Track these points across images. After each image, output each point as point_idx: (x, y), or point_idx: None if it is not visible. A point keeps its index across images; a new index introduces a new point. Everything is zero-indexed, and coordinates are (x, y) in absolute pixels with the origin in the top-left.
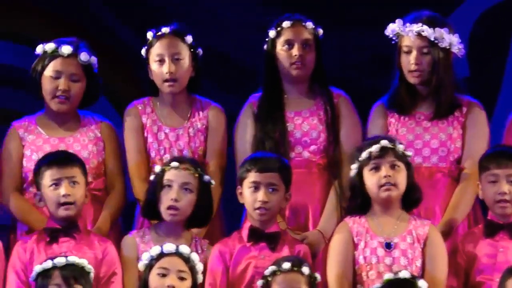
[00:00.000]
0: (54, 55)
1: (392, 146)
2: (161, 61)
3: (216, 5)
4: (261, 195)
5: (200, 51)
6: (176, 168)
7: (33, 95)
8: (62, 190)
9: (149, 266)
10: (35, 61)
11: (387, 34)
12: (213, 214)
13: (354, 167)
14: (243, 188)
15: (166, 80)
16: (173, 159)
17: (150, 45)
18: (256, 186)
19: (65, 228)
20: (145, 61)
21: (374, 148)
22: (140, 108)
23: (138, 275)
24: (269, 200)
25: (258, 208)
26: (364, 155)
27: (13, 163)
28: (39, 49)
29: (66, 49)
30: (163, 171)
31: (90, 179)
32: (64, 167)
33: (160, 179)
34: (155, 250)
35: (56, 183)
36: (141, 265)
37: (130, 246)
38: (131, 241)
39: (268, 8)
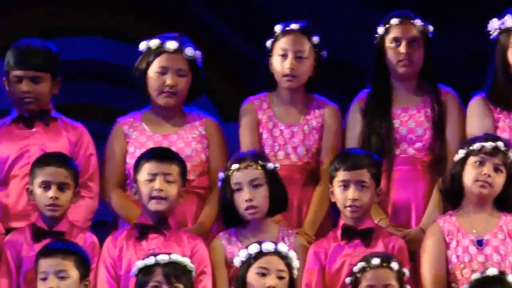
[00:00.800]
0: (159, 51)
1: (505, 151)
2: (284, 56)
3: (318, 6)
4: (351, 193)
5: (324, 53)
6: (238, 170)
7: (139, 92)
8: (156, 184)
9: (247, 264)
10: (139, 58)
11: (488, 30)
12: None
13: (461, 152)
14: (333, 187)
15: (286, 75)
16: (233, 161)
17: (276, 39)
18: (345, 185)
19: (156, 224)
20: (269, 53)
21: (488, 145)
22: (256, 103)
23: (231, 275)
24: (359, 197)
25: (349, 206)
26: (476, 146)
27: (116, 160)
28: (142, 46)
29: (172, 45)
30: (227, 177)
31: (193, 176)
32: (162, 163)
33: (228, 185)
34: (254, 248)
35: (152, 178)
36: (237, 261)
37: (217, 248)
38: (218, 243)
39: (372, 7)
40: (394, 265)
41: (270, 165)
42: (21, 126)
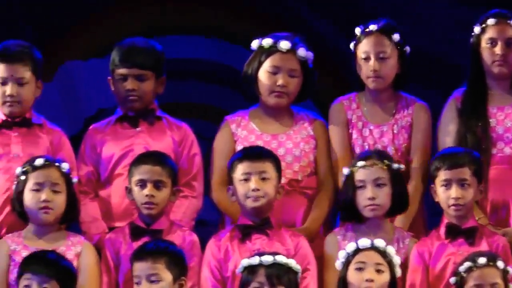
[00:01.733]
0: (272, 50)
1: None
2: (367, 59)
3: (414, 3)
4: (453, 192)
5: (407, 48)
6: (363, 167)
7: (246, 91)
8: (252, 184)
9: (346, 263)
10: (250, 56)
11: None
12: (409, 200)
13: None
14: (436, 187)
15: (370, 76)
16: (359, 158)
17: (358, 41)
18: (447, 184)
19: (257, 224)
20: (353, 55)
21: None
22: (345, 103)
23: None
24: (462, 196)
25: (453, 205)
26: None
27: (223, 158)
28: (254, 44)
29: (285, 44)
30: (352, 173)
31: (301, 177)
32: (256, 162)
33: (352, 181)
34: (351, 246)
35: (247, 178)
36: (338, 264)
37: (332, 244)
38: (333, 239)
39: (472, 7)
40: (500, 264)
41: (395, 166)
42: (125, 125)
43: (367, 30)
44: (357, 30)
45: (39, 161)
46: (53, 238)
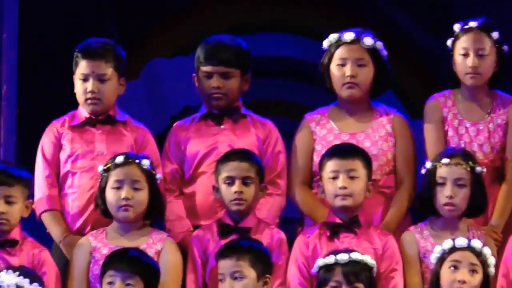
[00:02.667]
0: (338, 43)
1: None
2: (465, 55)
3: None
4: None
5: (505, 47)
6: (447, 164)
7: (326, 89)
8: (339, 182)
9: (441, 259)
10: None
11: None
12: (486, 205)
13: None
14: None
15: (469, 73)
16: (444, 154)
17: (456, 38)
18: None
19: (346, 222)
20: (450, 52)
21: None
22: (441, 101)
23: (421, 270)
24: None
25: None
26: None
27: (302, 157)
28: (325, 43)
29: (349, 35)
30: (434, 168)
31: (378, 176)
32: (344, 160)
33: (433, 176)
34: (448, 243)
35: (335, 176)
36: (433, 258)
37: (410, 242)
38: (411, 237)
39: None
40: None
41: (478, 169)
42: (210, 123)
43: (466, 27)
44: (456, 27)
45: (119, 159)
46: (135, 235)
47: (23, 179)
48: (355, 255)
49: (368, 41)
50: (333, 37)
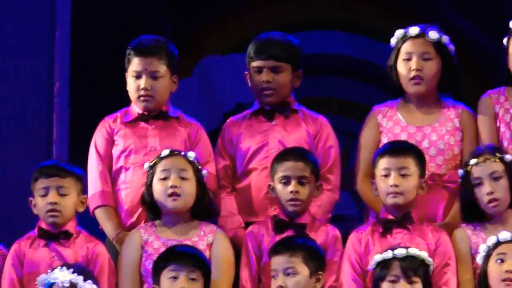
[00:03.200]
0: (404, 39)
1: None
2: None
3: None
4: None
5: None
6: (476, 164)
7: (393, 85)
8: (391, 180)
9: (487, 256)
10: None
11: None
12: None
13: None
14: None
15: None
16: (471, 156)
17: (511, 35)
18: None
19: (399, 219)
20: (505, 49)
21: None
22: (493, 97)
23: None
24: None
25: None
26: None
27: (368, 149)
28: (392, 40)
29: (414, 30)
30: (467, 172)
31: (444, 170)
32: (396, 157)
33: (468, 180)
34: (491, 240)
35: (387, 173)
36: (479, 259)
37: (462, 239)
38: (463, 233)
39: None
40: None
41: (508, 157)
42: (261, 119)
43: None
44: (511, 24)
45: (164, 152)
46: (185, 228)
47: (75, 173)
48: (413, 251)
49: (433, 35)
50: (399, 32)
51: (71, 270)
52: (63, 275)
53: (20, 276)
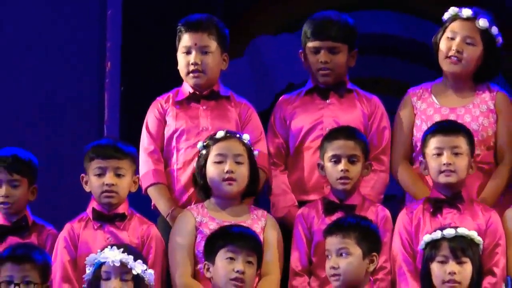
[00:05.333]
0: (454, 17)
1: None
2: None
3: None
4: None
5: None
6: None
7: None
8: (444, 159)
9: None
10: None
11: None
12: None
13: None
14: None
15: None
16: None
17: None
18: None
19: (449, 198)
20: None
21: None
22: None
23: None
24: None
25: None
26: None
27: (404, 131)
28: (445, 16)
29: (466, 12)
30: None
31: (478, 151)
32: (449, 136)
33: None
34: None
35: (439, 152)
36: None
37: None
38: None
39: None
40: None
41: None
42: (315, 97)
43: None
44: None
45: (220, 134)
46: (237, 211)
47: (131, 153)
48: (462, 230)
49: (483, 22)
50: (452, 10)
51: (121, 249)
52: (113, 255)
53: (73, 258)
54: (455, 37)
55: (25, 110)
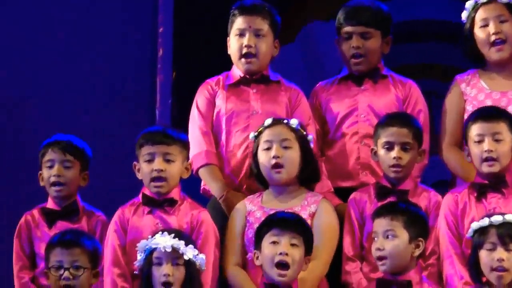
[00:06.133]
0: (476, 8)
1: None
2: None
3: None
4: None
5: None
6: None
7: (470, 52)
8: (485, 146)
9: None
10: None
11: None
12: None
13: None
14: None
15: None
16: None
17: None
18: None
19: (493, 183)
20: None
21: None
22: None
23: None
24: None
25: None
26: None
27: (453, 118)
28: (464, 15)
29: None
30: None
31: None
32: (489, 122)
33: None
34: None
35: (480, 139)
36: None
37: None
38: None
39: None
40: None
41: None
42: (350, 84)
43: None
44: None
45: (267, 121)
46: (289, 198)
47: (181, 139)
48: (510, 217)
49: None
50: (469, 4)
51: (173, 235)
52: (164, 240)
53: (123, 243)
54: (488, 23)
55: (78, 96)
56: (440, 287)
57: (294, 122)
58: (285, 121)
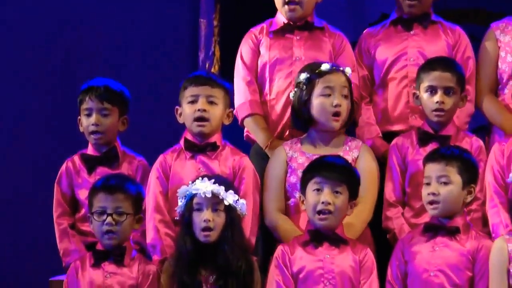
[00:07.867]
0: None
1: None
2: None
3: None
4: None
5: None
6: None
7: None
8: None
9: None
10: None
11: None
12: None
13: None
14: None
15: None
16: None
17: None
18: None
19: None
20: None
21: None
22: None
23: None
24: None
25: None
26: None
27: (488, 65)
28: None
29: None
30: None
31: None
32: None
33: None
34: None
35: None
36: None
37: None
38: None
39: None
40: None
41: None
42: (399, 29)
43: None
44: None
45: (325, 66)
46: (331, 143)
47: (224, 85)
48: None
49: None
50: None
51: (212, 180)
52: (205, 186)
53: (165, 190)
54: None
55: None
56: (484, 233)
57: (348, 70)
58: (341, 68)
